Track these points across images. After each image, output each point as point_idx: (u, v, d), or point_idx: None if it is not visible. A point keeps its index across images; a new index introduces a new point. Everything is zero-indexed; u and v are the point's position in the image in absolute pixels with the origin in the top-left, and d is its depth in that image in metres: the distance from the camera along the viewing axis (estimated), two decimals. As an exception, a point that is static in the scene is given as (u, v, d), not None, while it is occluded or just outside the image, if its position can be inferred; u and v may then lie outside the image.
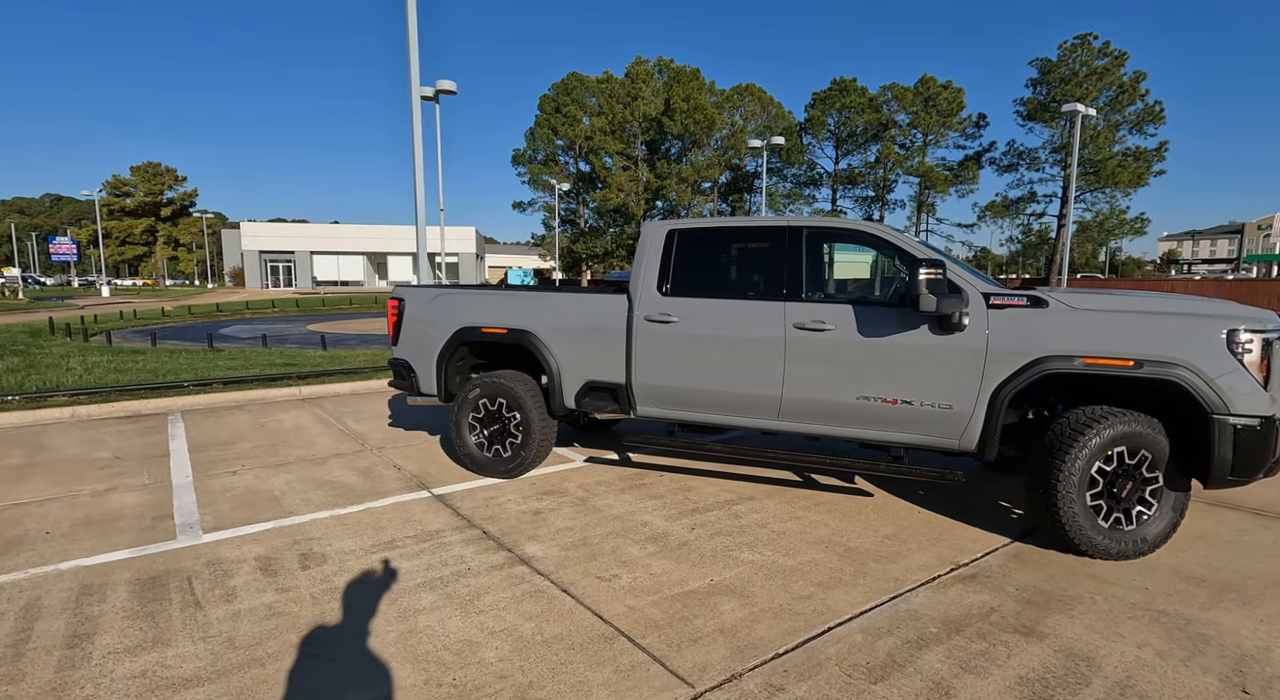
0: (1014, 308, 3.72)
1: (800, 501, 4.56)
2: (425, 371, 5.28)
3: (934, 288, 3.61)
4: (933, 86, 40.02)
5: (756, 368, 4.27)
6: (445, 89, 20.29)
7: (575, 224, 52.84)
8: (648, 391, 4.63)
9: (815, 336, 4.11)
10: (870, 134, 42.61)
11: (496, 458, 5.04)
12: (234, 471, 5.20)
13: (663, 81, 49.04)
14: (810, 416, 4.25)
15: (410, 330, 5.32)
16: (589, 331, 4.74)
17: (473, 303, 5.13)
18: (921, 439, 4.01)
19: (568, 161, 52.66)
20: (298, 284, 56.37)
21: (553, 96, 50.71)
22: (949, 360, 3.80)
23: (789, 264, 4.27)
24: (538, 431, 4.89)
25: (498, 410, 5.02)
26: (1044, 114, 37.55)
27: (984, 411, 3.76)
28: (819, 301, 4.20)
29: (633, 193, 47.16)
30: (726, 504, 4.51)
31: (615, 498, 4.64)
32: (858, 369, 4.02)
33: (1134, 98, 36.27)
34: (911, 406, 3.92)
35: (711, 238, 4.66)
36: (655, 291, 4.60)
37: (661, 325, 4.52)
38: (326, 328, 19.97)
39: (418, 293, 5.35)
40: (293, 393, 8.38)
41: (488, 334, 5.01)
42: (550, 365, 4.83)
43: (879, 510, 4.38)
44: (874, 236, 4.16)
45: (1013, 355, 3.66)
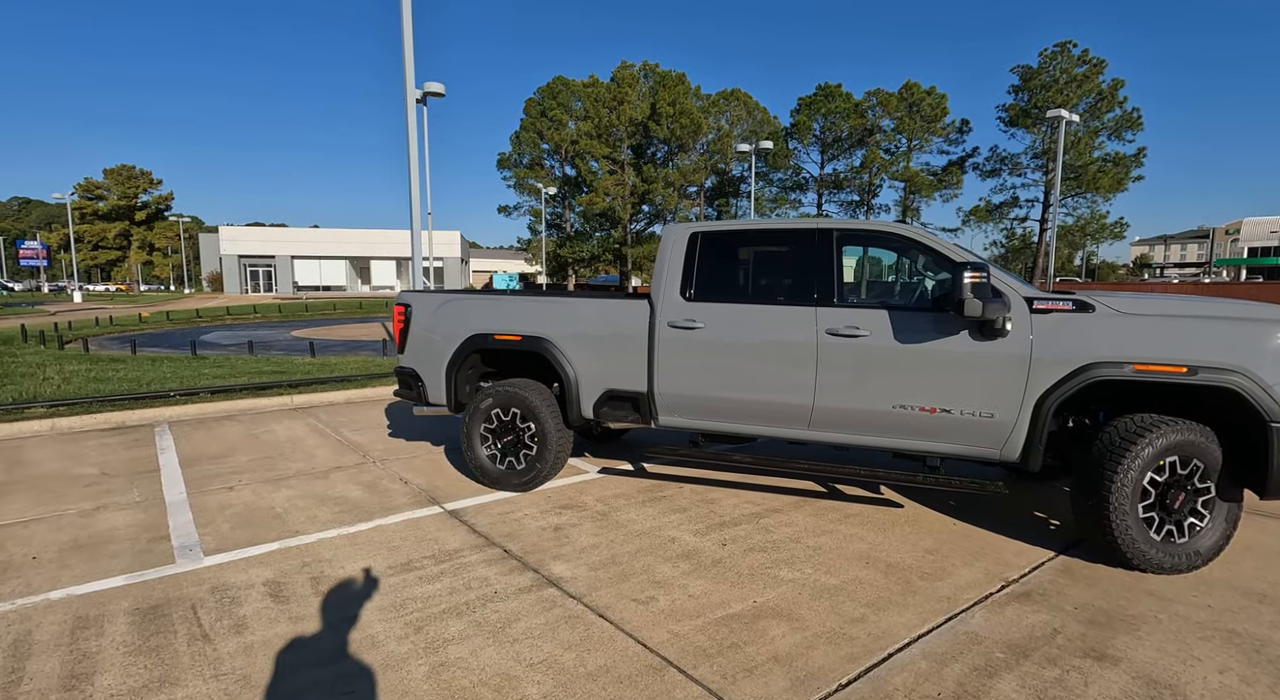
0: (1058, 312, 3.60)
1: (829, 514, 4.40)
2: (434, 380, 5.05)
3: (979, 292, 3.48)
4: (916, 92, 40.43)
5: (787, 375, 4.11)
6: (433, 91, 19.96)
7: (561, 228, 52.59)
8: (671, 401, 4.45)
9: (849, 343, 3.95)
10: (855, 139, 42.94)
11: (510, 470, 4.82)
12: (230, 487, 4.92)
13: (648, 86, 49.04)
14: (843, 426, 4.09)
15: (418, 337, 5.09)
16: (608, 338, 4.55)
17: (484, 309, 4.91)
18: (960, 448, 3.87)
19: (553, 165, 52.43)
20: (278, 289, 55.41)
21: (538, 101, 50.48)
22: (991, 367, 3.66)
23: (820, 267, 4.12)
24: (554, 443, 4.69)
25: (511, 421, 4.80)
26: (1026, 120, 38.10)
27: (1028, 420, 3.63)
28: (852, 306, 4.05)
29: (619, 197, 47.04)
30: (753, 517, 4.34)
31: (637, 511, 4.45)
32: (894, 376, 3.87)
33: (1113, 105, 36.95)
34: (951, 415, 3.78)
35: (736, 241, 4.50)
36: (678, 297, 4.43)
37: (685, 331, 4.34)
38: (312, 334, 19.54)
39: (426, 298, 5.13)
40: (284, 402, 8.08)
41: (501, 341, 4.80)
42: (567, 374, 4.64)
43: (912, 523, 4.24)
44: (909, 239, 4.02)
45: (1058, 362, 3.54)
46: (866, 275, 4.48)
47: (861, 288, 4.32)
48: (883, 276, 4.54)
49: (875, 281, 4.41)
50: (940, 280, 3.95)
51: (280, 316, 28.41)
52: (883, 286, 4.25)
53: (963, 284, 3.48)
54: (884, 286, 4.26)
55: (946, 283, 3.87)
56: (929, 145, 41.81)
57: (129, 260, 75.35)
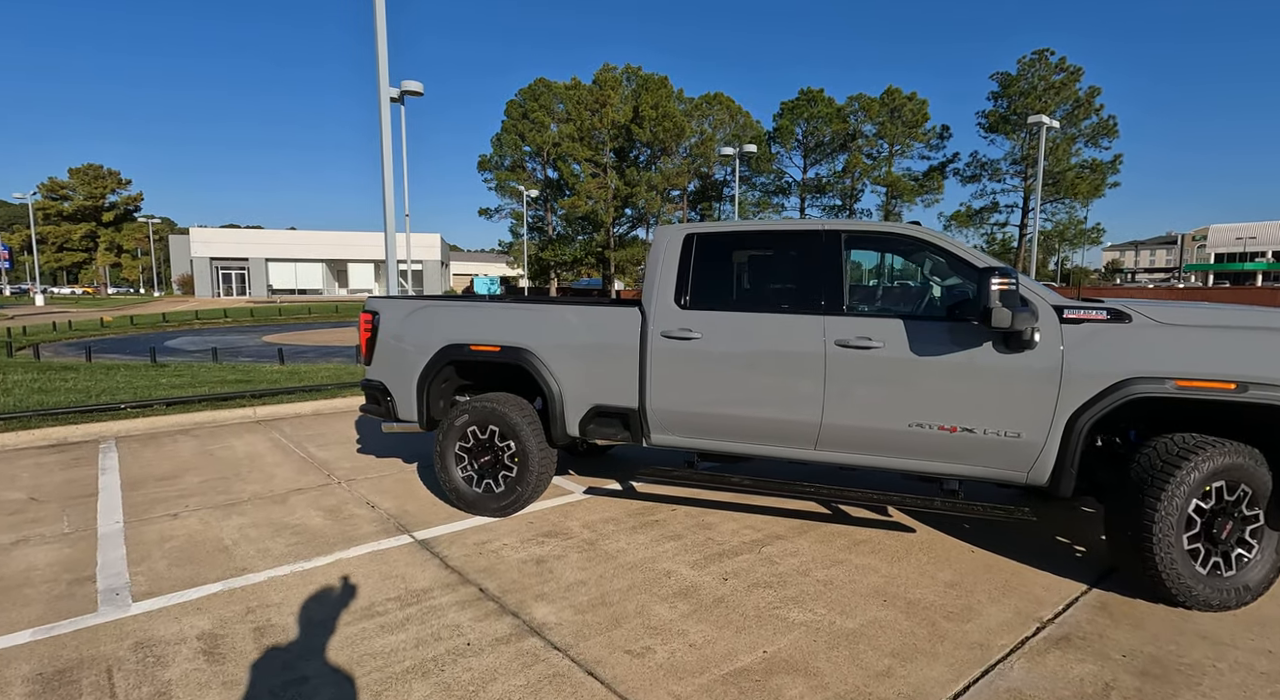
0: (1091, 323, 3.28)
1: (837, 540, 4.04)
2: (404, 395, 4.61)
3: (1008, 300, 3.15)
4: (898, 97, 40.64)
5: (792, 390, 3.75)
6: (411, 90, 19.49)
7: (543, 231, 52.08)
8: (664, 417, 4.06)
9: (861, 355, 3.60)
10: (838, 144, 43.05)
11: (488, 494, 4.40)
12: (175, 514, 4.44)
13: (631, 89, 48.80)
14: (854, 445, 3.74)
15: (386, 348, 4.65)
16: (596, 349, 4.16)
17: (460, 316, 4.49)
18: (983, 471, 3.54)
19: (535, 168, 51.94)
20: (252, 292, 54.14)
21: (520, 102, 49.98)
22: (1017, 382, 3.34)
23: (827, 273, 3.77)
24: (536, 463, 4.28)
25: (489, 439, 4.38)
26: (1005, 126, 38.47)
27: (1058, 440, 3.30)
28: (864, 315, 3.70)
29: (601, 200, 46.68)
30: (754, 545, 3.97)
31: (627, 539, 4.05)
32: (911, 392, 3.53)
33: (1089, 112, 37.44)
34: (973, 434, 3.45)
35: (735, 243, 4.14)
36: (672, 304, 4.05)
37: (681, 342, 3.96)
38: (284, 339, 18.86)
39: (395, 305, 4.69)
40: (246, 414, 7.55)
41: (477, 352, 4.38)
42: (550, 388, 4.23)
43: (927, 550, 3.90)
44: (924, 241, 3.69)
45: (1092, 377, 3.22)
46: (878, 281, 4.14)
47: (873, 295, 3.98)
48: (895, 282, 4.20)
49: (888, 288, 4.08)
50: (959, 287, 3.62)
51: (252, 321, 27.56)
52: (896, 293, 3.92)
53: (990, 291, 3.15)
54: (897, 293, 3.93)
55: (967, 290, 3.54)
56: (910, 151, 42.06)
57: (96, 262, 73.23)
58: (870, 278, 4.09)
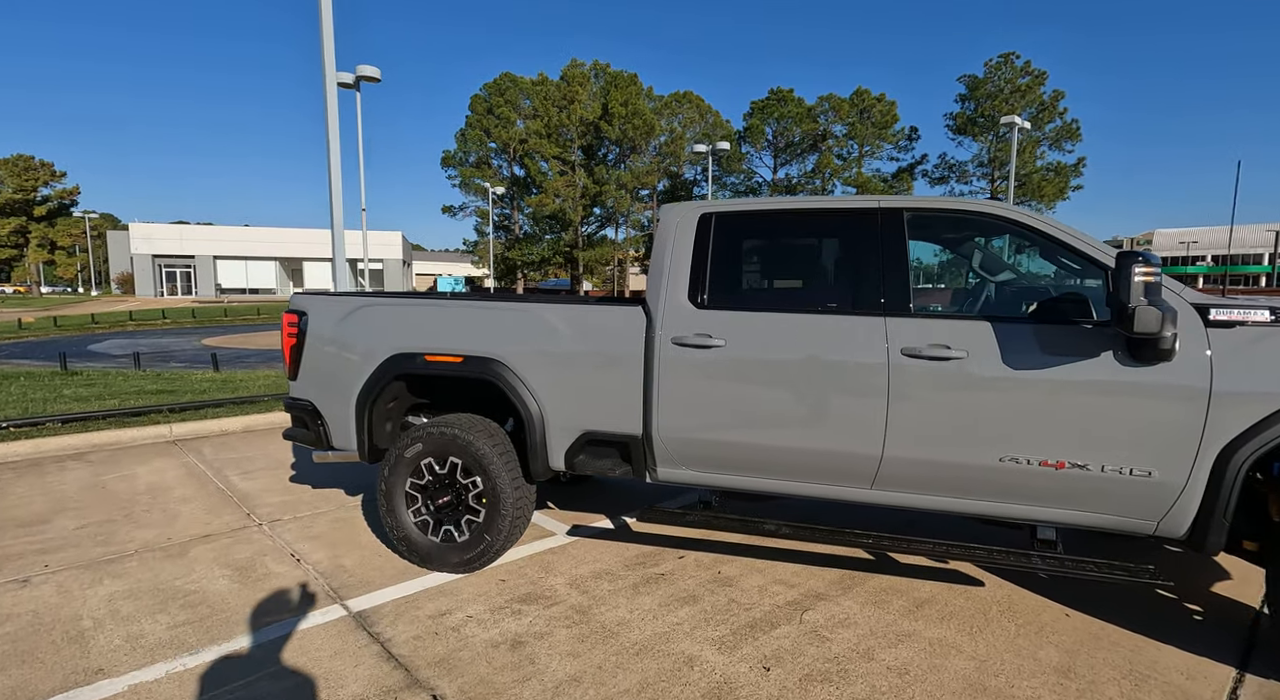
0: (1249, 326, 2.51)
1: (893, 601, 3.21)
2: (339, 417, 3.62)
3: (1154, 297, 2.35)
4: (867, 98, 40.60)
5: (845, 413, 2.90)
6: (367, 76, 18.20)
7: (510, 230, 50.73)
8: (676, 447, 3.17)
9: (937, 368, 2.77)
10: (808, 144, 42.84)
11: (448, 544, 3.44)
12: (26, 579, 3.36)
13: (599, 86, 47.85)
14: (923, 484, 2.90)
15: (317, 357, 3.66)
16: (587, 360, 3.25)
17: (411, 318, 3.53)
18: (1095, 518, 2.74)
19: (501, 165, 50.55)
20: (199, 292, 51.45)
21: (485, 97, 48.55)
22: (1150, 405, 2.55)
23: (889, 262, 2.93)
24: (509, 504, 3.34)
25: (449, 474, 3.43)
26: (973, 128, 38.75)
27: (1203, 481, 2.52)
28: (937, 317, 2.87)
29: (569, 198, 45.60)
30: (792, 609, 3.11)
31: (629, 604, 3.15)
32: (1004, 416, 2.71)
33: (1053, 115, 37.93)
34: (1087, 472, 2.64)
35: (763, 225, 3.27)
36: (686, 302, 3.16)
37: (698, 351, 3.08)
38: (225, 342, 17.39)
39: (328, 304, 3.69)
40: (161, 433, 6.39)
41: (435, 363, 3.42)
42: (528, 409, 3.30)
43: (1010, 613, 3.09)
44: (1013, 222, 2.88)
45: (1252, 398, 2.44)
46: (951, 273, 3.32)
47: (947, 291, 3.15)
48: (973, 275, 3.37)
49: (966, 283, 3.25)
50: (1059, 280, 2.82)
51: (193, 322, 25.71)
52: (975, 289, 3.10)
53: (1132, 284, 2.35)
54: (977, 289, 3.11)
55: (1075, 283, 2.74)
56: (880, 152, 42.07)
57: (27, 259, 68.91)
58: (942, 270, 3.27)
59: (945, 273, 3.26)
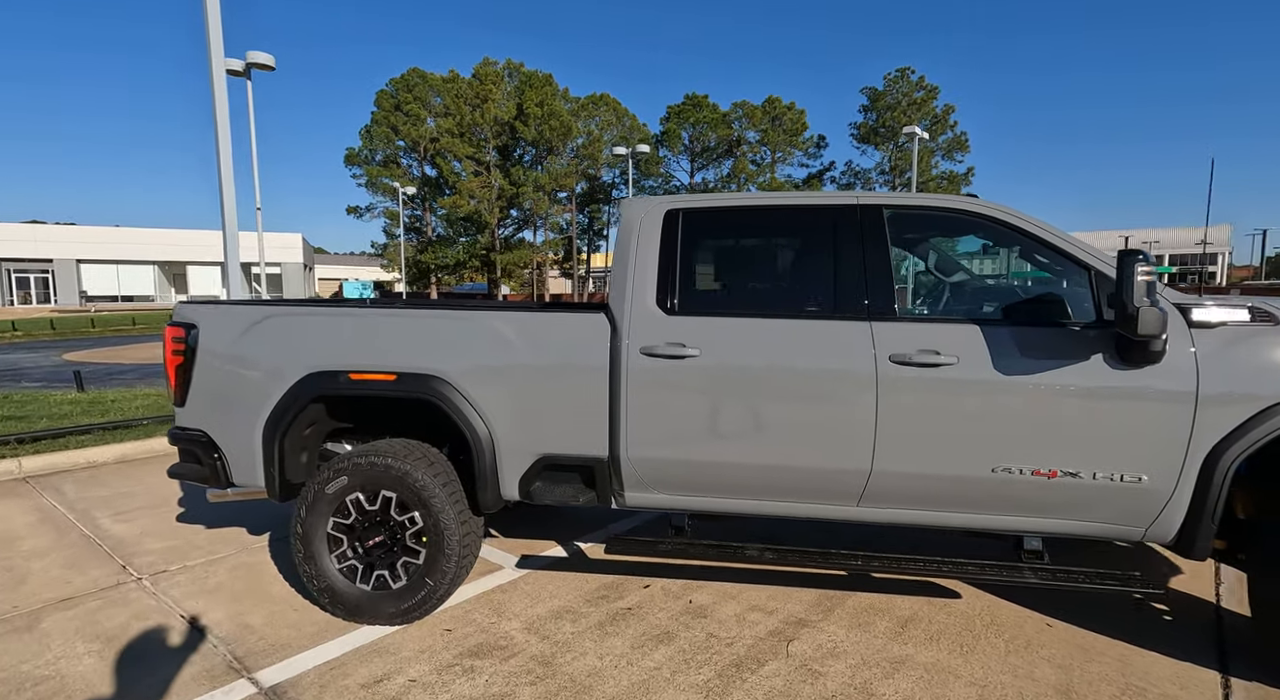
0: (1231, 326, 2.49)
1: (877, 622, 3.03)
2: (241, 449, 3.05)
3: (1155, 298, 2.27)
4: (779, 106, 41.88)
5: (831, 426, 2.69)
6: (259, 63, 16.72)
7: (421, 232, 48.66)
8: (647, 468, 2.86)
9: (927, 375, 2.61)
10: (723, 149, 43.66)
11: (382, 591, 2.96)
12: None
13: (513, 85, 46.81)
14: (913, 499, 2.74)
15: (211, 379, 3.07)
16: (545, 374, 2.87)
17: (331, 330, 3.02)
18: (1086, 526, 2.66)
19: (411, 164, 48.44)
20: (59, 300, 46.04)
21: (392, 93, 46.37)
22: (1140, 408, 2.48)
23: (872, 262, 2.74)
24: (455, 541, 2.91)
25: (381, 510, 2.95)
26: (875, 137, 40.78)
27: (1191, 484, 2.48)
28: (925, 321, 2.71)
29: (485, 200, 44.28)
30: (776, 640, 2.86)
31: (597, 647, 2.80)
32: (996, 425, 2.58)
33: (945, 128, 40.55)
34: (1079, 480, 2.55)
35: (737, 222, 3.03)
36: (654, 308, 2.86)
37: (670, 362, 2.78)
38: (93, 356, 15.45)
39: (225, 316, 3.10)
40: (8, 469, 5.40)
41: (362, 382, 2.93)
42: (477, 432, 2.89)
43: (996, 628, 2.97)
44: (995, 220, 2.76)
45: (1238, 399, 2.42)
46: (935, 275, 3.18)
47: (930, 292, 3.01)
48: (957, 275, 3.24)
49: (951, 284, 3.12)
50: (1042, 279, 2.73)
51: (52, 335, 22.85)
52: (963, 290, 2.97)
53: (1135, 285, 2.25)
54: (964, 290, 2.98)
55: (1056, 282, 2.66)
56: (791, 158, 43.51)
57: None
58: (925, 271, 3.13)
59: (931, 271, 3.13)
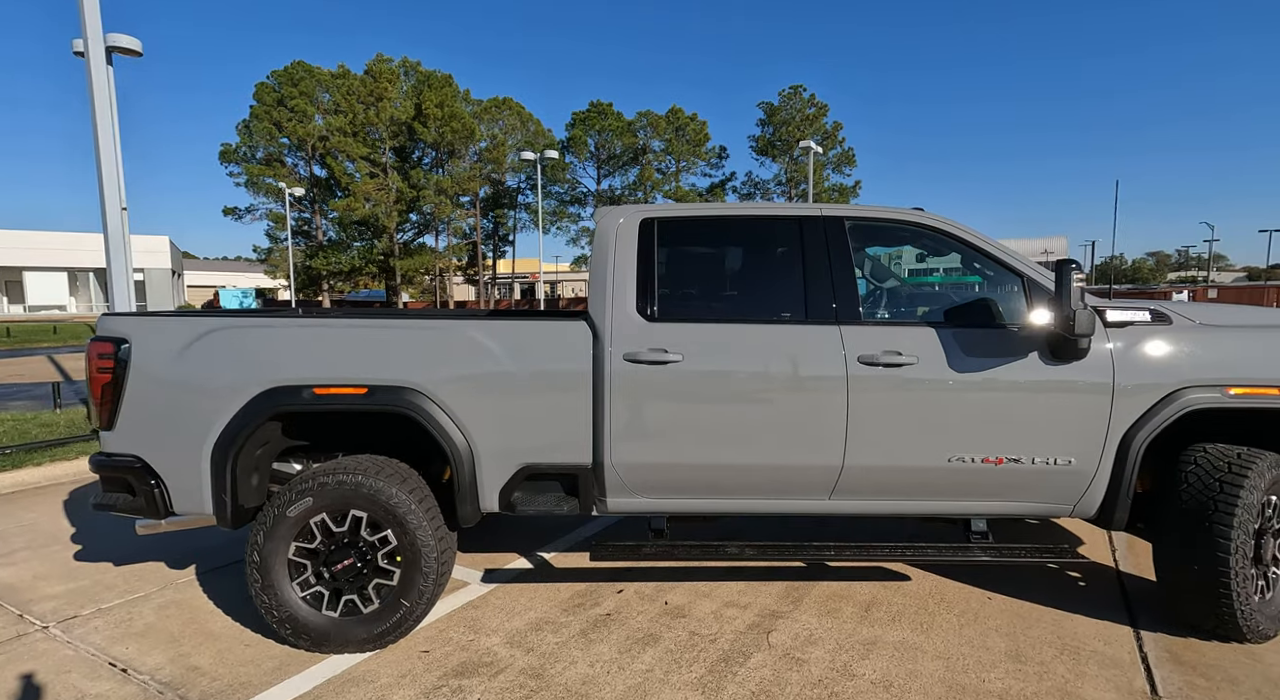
0: (1136, 326, 2.88)
1: (843, 608, 3.22)
2: (184, 475, 2.80)
3: (1085, 300, 2.59)
4: (681, 117, 42.95)
5: (808, 425, 2.85)
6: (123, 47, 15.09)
7: (311, 236, 45.64)
8: (633, 474, 2.89)
9: (891, 375, 2.83)
10: (629, 156, 44.15)
11: (351, 617, 2.80)
12: None
13: (410, 84, 45.03)
14: (878, 490, 2.95)
15: (148, 399, 2.78)
16: (526, 383, 2.84)
17: (291, 342, 2.83)
18: (1024, 507, 2.98)
19: (297, 163, 45.36)
20: None
21: (274, 87, 43.27)
22: (1069, 398, 2.82)
23: (838, 270, 2.94)
24: (433, 559, 2.81)
25: (350, 532, 2.80)
26: (772, 150, 42.75)
27: (1110, 465, 2.84)
28: (887, 324, 2.94)
29: (382, 202, 42.22)
30: (755, 632, 2.98)
31: (585, 655, 2.80)
32: (951, 419, 2.84)
33: (834, 143, 43.19)
34: (1020, 465, 2.85)
35: (709, 231, 3.15)
36: (635, 315, 2.91)
37: (653, 368, 2.84)
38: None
39: (163, 328, 2.83)
40: None
41: (327, 397, 2.77)
42: (456, 444, 2.81)
43: (945, 605, 3.25)
44: (939, 231, 3.04)
45: (1145, 388, 2.80)
46: (890, 282, 3.42)
47: (888, 298, 3.24)
48: (906, 283, 3.51)
49: (904, 290, 3.37)
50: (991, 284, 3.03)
51: None
52: (914, 296, 3.23)
53: (1071, 290, 2.56)
54: (915, 296, 3.24)
55: (996, 288, 2.96)
56: (695, 168, 44.72)
57: None
58: (881, 278, 3.36)
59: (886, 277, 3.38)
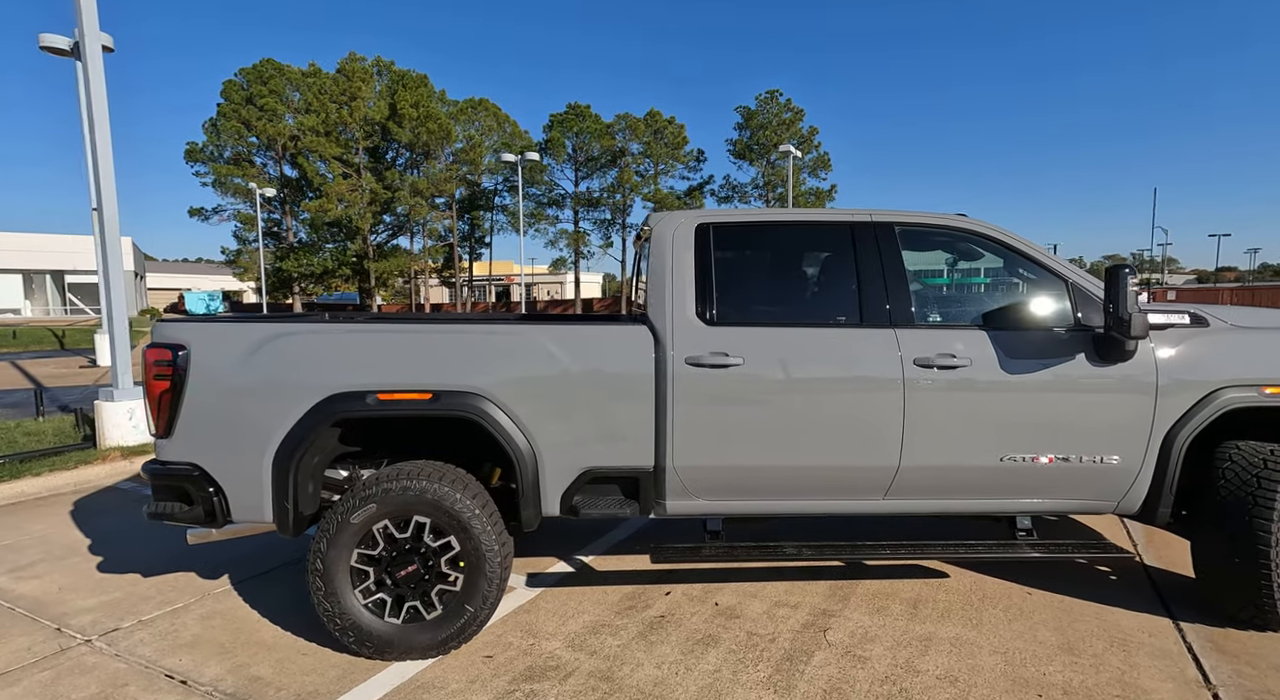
0: (1176, 328, 3.00)
1: (891, 606, 3.28)
2: (245, 482, 2.74)
3: (1137, 304, 2.69)
4: (659, 120, 43.06)
5: (865, 426, 2.91)
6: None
7: (281, 237, 44.66)
8: (695, 476, 2.92)
9: (946, 377, 2.90)
10: (607, 159, 44.12)
11: (414, 623, 2.78)
12: None
13: (384, 84, 44.37)
14: (932, 490, 3.02)
15: (208, 405, 2.72)
16: (589, 387, 2.85)
17: (355, 348, 2.79)
18: (1070, 504, 3.08)
19: (267, 163, 44.37)
20: None
21: (242, 84, 42.29)
22: (1115, 398, 2.92)
23: (891, 274, 3.00)
24: (496, 565, 2.79)
25: (412, 538, 2.77)
26: (750, 154, 43.13)
27: (1154, 462, 2.95)
28: (940, 327, 3.01)
29: (356, 204, 41.51)
30: (811, 631, 3.02)
31: (649, 657, 2.81)
32: (1005, 419, 2.93)
33: (810, 147, 43.76)
34: (1069, 463, 2.95)
35: (762, 237, 3.20)
36: (694, 319, 2.93)
37: (715, 371, 2.86)
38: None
39: (226, 335, 2.77)
40: None
41: (391, 403, 2.74)
42: (518, 448, 2.80)
43: (989, 601, 3.33)
44: (991, 238, 3.12)
45: (1186, 387, 2.92)
46: (940, 285, 3.50)
47: (939, 301, 3.32)
48: (956, 286, 3.60)
49: (956, 293, 3.45)
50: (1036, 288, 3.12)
51: None
52: (965, 299, 3.31)
53: (1126, 294, 2.66)
54: (965, 299, 3.32)
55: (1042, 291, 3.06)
56: (674, 171, 44.84)
57: None
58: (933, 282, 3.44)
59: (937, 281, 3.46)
